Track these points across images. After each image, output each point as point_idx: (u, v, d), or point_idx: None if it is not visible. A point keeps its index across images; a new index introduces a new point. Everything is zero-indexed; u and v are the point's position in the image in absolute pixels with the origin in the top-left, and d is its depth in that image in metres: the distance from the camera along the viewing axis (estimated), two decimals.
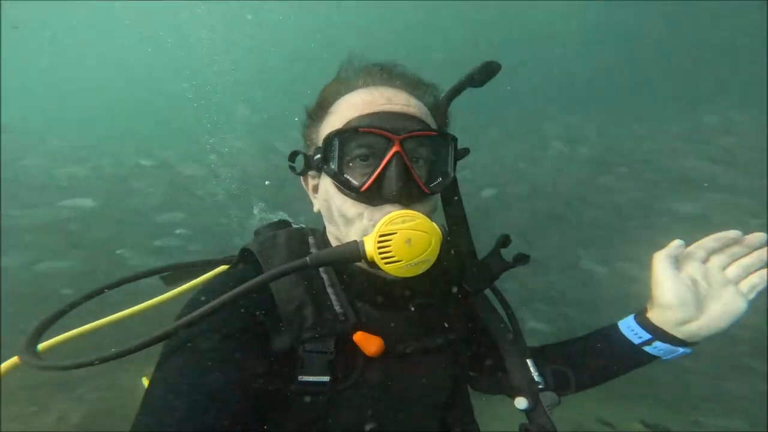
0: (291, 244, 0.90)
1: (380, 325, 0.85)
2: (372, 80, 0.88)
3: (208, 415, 0.67)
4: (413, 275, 0.75)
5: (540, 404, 0.86)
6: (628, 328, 0.94)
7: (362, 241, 0.75)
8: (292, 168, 0.90)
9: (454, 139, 0.87)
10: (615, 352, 0.95)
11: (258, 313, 0.80)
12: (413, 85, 0.89)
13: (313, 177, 0.91)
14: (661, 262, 0.87)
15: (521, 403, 0.86)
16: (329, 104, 0.89)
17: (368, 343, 0.81)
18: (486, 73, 0.94)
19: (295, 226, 1.07)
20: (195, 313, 0.70)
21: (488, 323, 0.95)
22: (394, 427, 0.87)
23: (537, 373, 0.89)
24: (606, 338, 0.97)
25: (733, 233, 0.85)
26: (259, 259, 0.87)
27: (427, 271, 0.76)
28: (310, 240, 0.93)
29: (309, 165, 0.88)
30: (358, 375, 0.84)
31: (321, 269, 0.87)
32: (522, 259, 0.94)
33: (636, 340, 0.92)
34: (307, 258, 0.75)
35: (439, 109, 0.92)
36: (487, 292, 1.00)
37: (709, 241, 0.86)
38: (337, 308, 0.83)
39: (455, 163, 0.88)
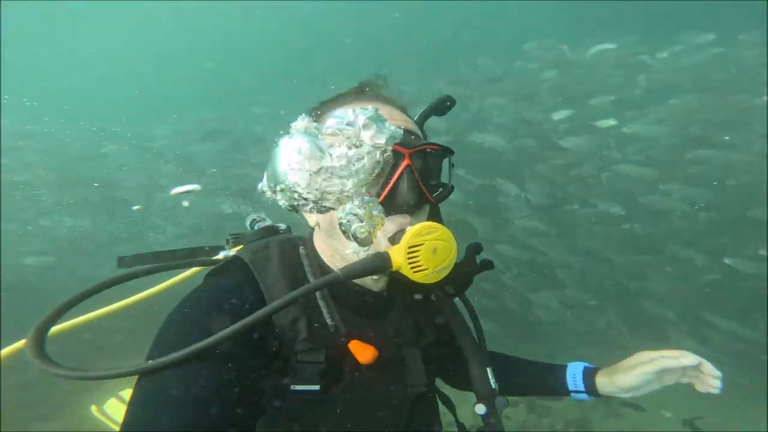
0: (284, 255, 0.92)
1: (367, 334, 0.91)
2: (370, 96, 0.92)
3: (200, 423, 0.67)
4: (437, 281, 0.81)
5: (494, 410, 0.96)
6: (573, 376, 1.16)
7: (388, 252, 0.79)
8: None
9: (452, 152, 0.92)
10: (548, 385, 1.19)
11: (254, 328, 0.79)
12: (401, 103, 0.95)
13: None
14: (655, 365, 1.05)
15: (480, 409, 0.96)
16: (327, 118, 0.87)
17: (363, 351, 0.87)
18: (445, 106, 1.04)
19: (281, 232, 1.08)
20: (201, 344, 0.68)
21: (455, 330, 1.02)
22: (373, 426, 0.93)
23: (494, 380, 0.98)
24: (549, 373, 1.20)
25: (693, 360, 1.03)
26: (253, 270, 0.87)
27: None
28: (301, 250, 0.95)
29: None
30: (347, 381, 0.88)
31: (310, 281, 0.89)
32: (487, 264, 1.04)
33: (571, 387, 1.16)
34: (339, 272, 0.77)
35: (421, 127, 0.98)
36: (457, 301, 1.07)
37: (683, 360, 1.04)
38: (328, 320, 0.87)
39: (450, 174, 0.94)
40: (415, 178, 0.83)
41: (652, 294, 6.89)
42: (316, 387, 0.84)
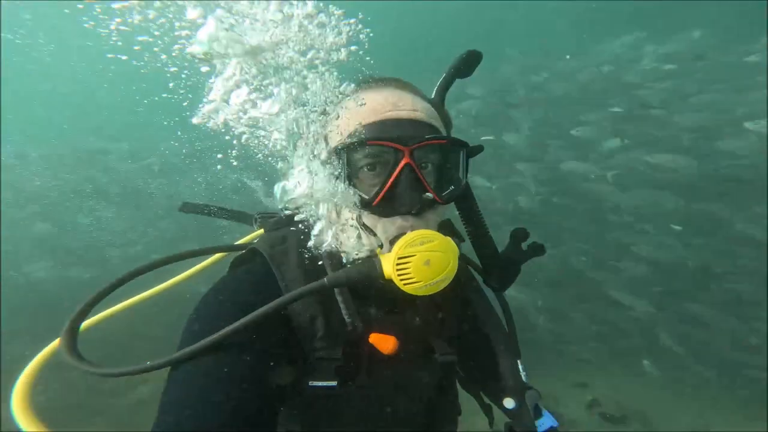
0: (301, 251, 0.90)
1: (388, 327, 0.88)
2: (376, 84, 0.85)
3: (225, 416, 0.68)
4: (433, 293, 0.76)
5: (525, 405, 0.90)
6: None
7: (380, 261, 0.75)
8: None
9: (465, 145, 0.85)
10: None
11: (274, 324, 0.81)
12: (417, 88, 0.87)
13: None
14: None
15: (509, 403, 0.90)
16: (336, 110, 0.85)
17: (383, 342, 0.84)
18: (470, 62, 0.93)
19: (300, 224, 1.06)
20: (221, 333, 0.70)
21: (484, 320, 0.98)
22: (389, 422, 0.92)
23: (525, 373, 0.93)
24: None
25: None
26: (270, 264, 0.86)
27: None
28: None
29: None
30: (365, 376, 0.87)
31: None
32: (538, 249, 0.96)
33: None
34: (325, 280, 0.76)
35: (440, 107, 0.90)
36: (488, 291, 1.03)
37: None
38: (346, 317, 0.85)
39: (467, 169, 0.86)
40: (416, 176, 0.76)
41: None
42: (334, 383, 0.83)
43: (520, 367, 0.94)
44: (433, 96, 0.93)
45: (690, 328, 5.63)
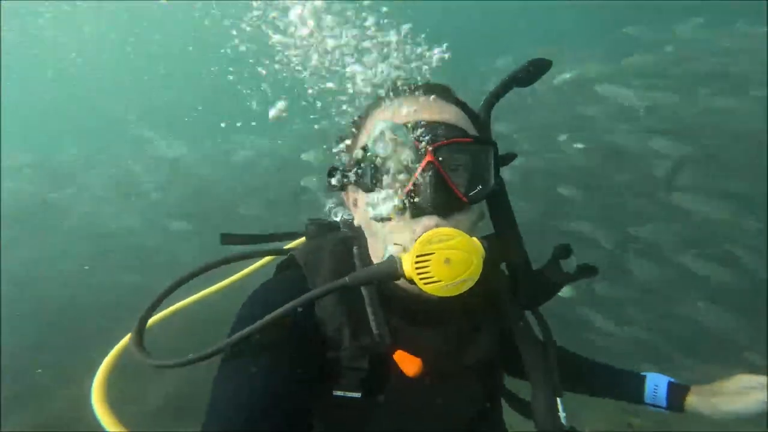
0: (335, 257, 0.91)
1: (416, 344, 0.85)
2: (404, 92, 0.86)
3: (263, 422, 0.71)
4: (456, 294, 0.73)
5: None
6: (653, 388, 1.07)
7: (400, 259, 0.74)
8: (332, 184, 0.90)
9: (493, 144, 0.83)
10: (620, 389, 1.10)
11: (304, 329, 0.83)
12: (449, 92, 0.87)
13: (353, 191, 0.91)
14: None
15: None
16: (363, 119, 0.89)
17: (407, 362, 0.81)
18: (535, 71, 0.89)
19: (343, 230, 1.09)
20: (245, 331, 0.75)
21: (520, 347, 0.91)
22: None
23: (564, 414, 0.85)
24: (622, 377, 1.11)
25: None
26: (304, 271, 0.89)
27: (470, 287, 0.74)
28: (355, 251, 0.93)
29: (347, 180, 0.86)
30: (391, 392, 0.85)
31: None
32: (588, 270, 0.88)
33: (649, 399, 1.07)
34: (347, 278, 0.77)
35: (478, 114, 0.89)
36: (528, 315, 0.95)
37: None
38: (374, 328, 0.84)
39: (498, 170, 0.84)
40: (440, 175, 0.75)
41: None
42: (358, 394, 0.83)
43: (559, 405, 0.85)
44: (482, 102, 0.92)
45: None
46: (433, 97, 0.85)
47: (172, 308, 1.16)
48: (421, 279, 0.72)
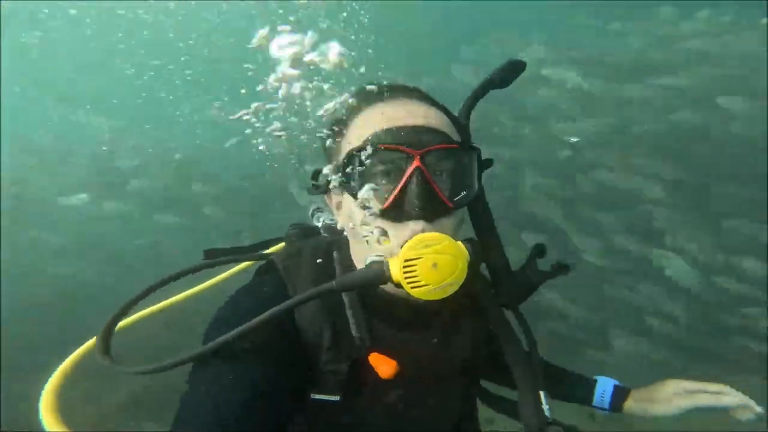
0: (315, 262, 0.91)
1: (397, 348, 0.86)
2: (390, 94, 0.86)
3: (239, 427, 0.71)
4: (442, 298, 0.75)
5: None
6: (601, 393, 1.15)
7: (387, 263, 0.75)
8: (315, 186, 0.90)
9: (477, 150, 0.85)
10: (576, 395, 1.17)
11: (284, 334, 0.83)
12: (432, 97, 0.88)
13: (336, 194, 0.90)
14: (694, 401, 1.05)
15: None
16: (347, 120, 0.87)
17: (382, 364, 0.83)
18: (510, 72, 0.92)
19: (323, 234, 1.08)
20: (228, 335, 0.75)
21: (503, 346, 0.94)
22: None
23: (548, 407, 0.89)
24: (580, 384, 1.18)
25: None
26: (283, 276, 0.89)
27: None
28: (335, 255, 0.93)
29: (330, 183, 0.86)
30: (370, 396, 0.86)
31: None
32: (562, 269, 0.92)
33: (597, 403, 1.14)
34: (333, 282, 0.77)
35: (459, 119, 0.90)
36: (508, 314, 0.99)
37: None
38: (354, 332, 0.84)
39: (480, 175, 0.86)
40: (426, 181, 0.76)
41: None
42: (336, 398, 0.83)
43: (543, 399, 0.89)
44: (462, 105, 0.93)
45: None
46: (418, 100, 0.86)
47: (142, 312, 1.12)
48: (408, 283, 0.73)
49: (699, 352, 5.02)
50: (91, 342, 0.98)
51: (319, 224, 1.15)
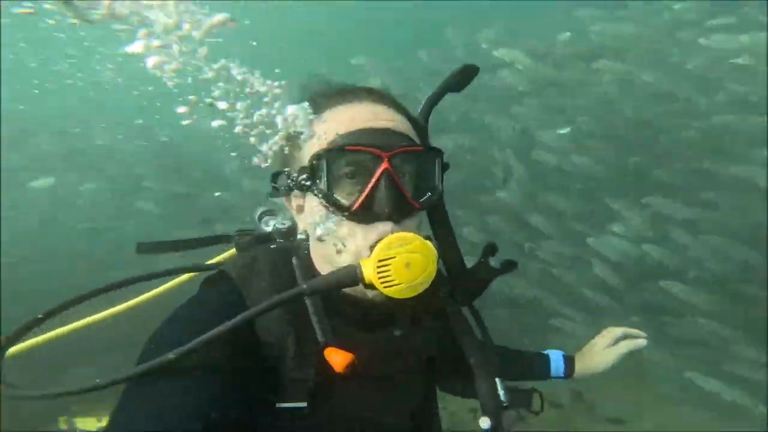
0: (274, 269, 0.88)
1: (362, 348, 0.85)
2: (353, 97, 0.86)
3: None
4: (413, 296, 0.77)
5: (501, 426, 0.90)
6: (555, 364, 1.28)
7: (359, 265, 0.75)
8: (275, 189, 0.88)
9: (440, 153, 0.87)
10: (534, 372, 1.29)
11: (243, 345, 0.79)
12: (394, 101, 0.89)
13: (297, 197, 0.88)
14: (625, 347, 1.27)
15: (485, 423, 0.90)
16: (312, 121, 0.85)
17: (336, 358, 0.81)
18: (465, 77, 0.96)
19: (278, 240, 1.04)
20: (170, 355, 0.67)
21: (460, 340, 0.97)
22: None
23: (503, 392, 0.93)
24: (536, 360, 1.30)
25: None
26: (239, 286, 0.84)
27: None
28: (294, 261, 0.90)
29: (293, 185, 0.84)
30: (338, 399, 0.86)
31: None
32: (510, 265, 0.96)
33: (554, 374, 1.28)
34: (304, 286, 0.75)
35: (419, 123, 0.92)
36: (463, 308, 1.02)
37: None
38: (319, 336, 0.83)
39: (442, 177, 0.87)
40: (395, 182, 0.78)
41: None
42: (303, 404, 0.82)
43: (498, 385, 0.93)
44: (420, 108, 0.95)
45: None
46: (382, 104, 0.86)
47: (53, 333, 1.02)
48: (382, 283, 0.74)
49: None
50: None
51: (269, 229, 1.11)
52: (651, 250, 5.41)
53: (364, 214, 0.78)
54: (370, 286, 0.75)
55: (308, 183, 0.80)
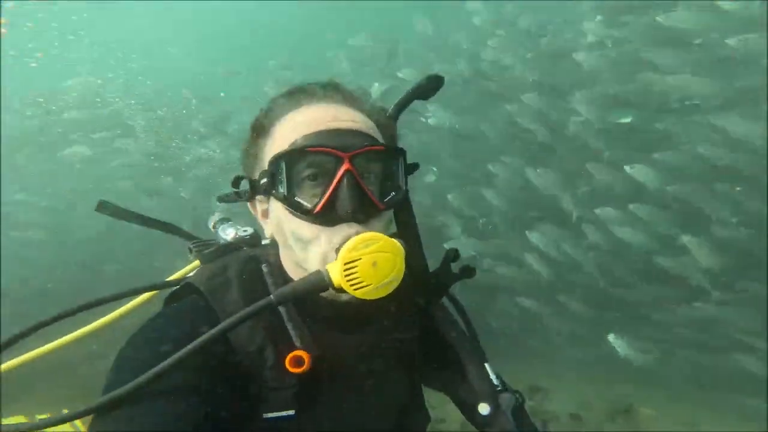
0: (244, 278, 0.86)
1: (341, 353, 0.86)
2: (314, 98, 0.85)
3: None
4: (384, 295, 0.75)
5: (500, 408, 0.90)
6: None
7: (327, 270, 0.74)
8: (237, 194, 0.86)
9: (403, 152, 0.86)
10: None
11: (217, 359, 0.77)
12: (357, 100, 0.88)
13: (261, 201, 0.87)
14: None
15: (484, 408, 0.90)
16: (271, 124, 0.85)
17: (292, 359, 0.79)
18: (432, 86, 0.97)
19: (245, 248, 1.02)
20: (146, 376, 0.66)
21: (446, 332, 0.98)
22: None
23: (495, 376, 0.94)
24: None
25: None
26: (209, 299, 0.82)
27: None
28: (264, 268, 0.89)
29: (256, 190, 0.83)
30: (323, 402, 0.85)
31: None
32: (468, 271, 0.97)
33: None
34: (272, 297, 0.74)
35: (386, 123, 0.92)
36: (445, 300, 1.03)
37: None
38: (297, 343, 0.82)
39: (406, 177, 0.88)
40: (357, 183, 0.76)
41: None
42: (291, 412, 0.80)
43: (488, 370, 0.94)
44: (389, 112, 0.95)
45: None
46: (343, 104, 0.85)
47: (19, 358, 1.03)
48: (351, 285, 0.73)
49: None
50: None
51: (228, 237, 1.11)
52: None
53: (327, 216, 0.77)
54: (340, 290, 0.73)
55: (270, 187, 0.79)
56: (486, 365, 0.95)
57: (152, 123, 8.72)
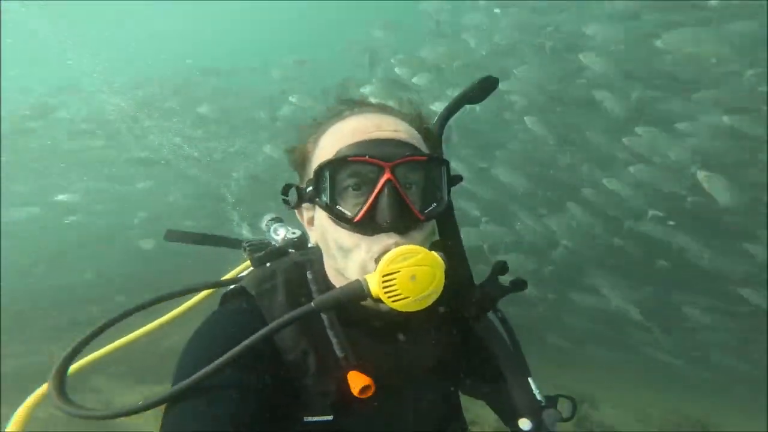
0: (290, 284, 0.89)
1: (380, 361, 0.86)
2: (360, 108, 0.87)
3: None
4: (422, 308, 0.75)
5: (543, 424, 0.87)
6: None
7: (365, 279, 0.74)
8: (286, 202, 0.89)
9: (446, 163, 0.85)
10: None
11: (266, 361, 0.81)
12: (401, 109, 0.88)
13: (308, 209, 0.89)
14: None
15: (525, 424, 0.87)
16: (319, 135, 0.87)
17: (356, 382, 0.81)
18: (484, 88, 0.92)
19: (291, 252, 1.06)
20: (201, 373, 0.71)
21: (489, 343, 0.96)
22: None
23: (538, 392, 0.91)
24: None
25: None
26: (258, 303, 0.87)
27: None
28: (309, 275, 0.92)
29: (302, 198, 0.86)
30: (361, 409, 0.85)
31: None
32: (519, 284, 0.94)
33: None
34: (312, 303, 0.75)
35: (431, 133, 0.90)
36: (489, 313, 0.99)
37: None
38: (338, 352, 0.84)
39: (449, 188, 0.87)
40: (397, 193, 0.76)
41: None
42: (329, 417, 0.83)
43: (532, 385, 0.91)
44: (435, 120, 0.93)
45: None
46: (387, 114, 0.86)
47: (100, 351, 1.09)
48: (388, 297, 0.72)
49: None
50: (43, 388, 0.93)
51: (278, 237, 1.15)
52: None
53: (367, 226, 0.77)
54: (379, 300, 0.74)
55: (314, 195, 0.81)
56: (530, 379, 0.92)
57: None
